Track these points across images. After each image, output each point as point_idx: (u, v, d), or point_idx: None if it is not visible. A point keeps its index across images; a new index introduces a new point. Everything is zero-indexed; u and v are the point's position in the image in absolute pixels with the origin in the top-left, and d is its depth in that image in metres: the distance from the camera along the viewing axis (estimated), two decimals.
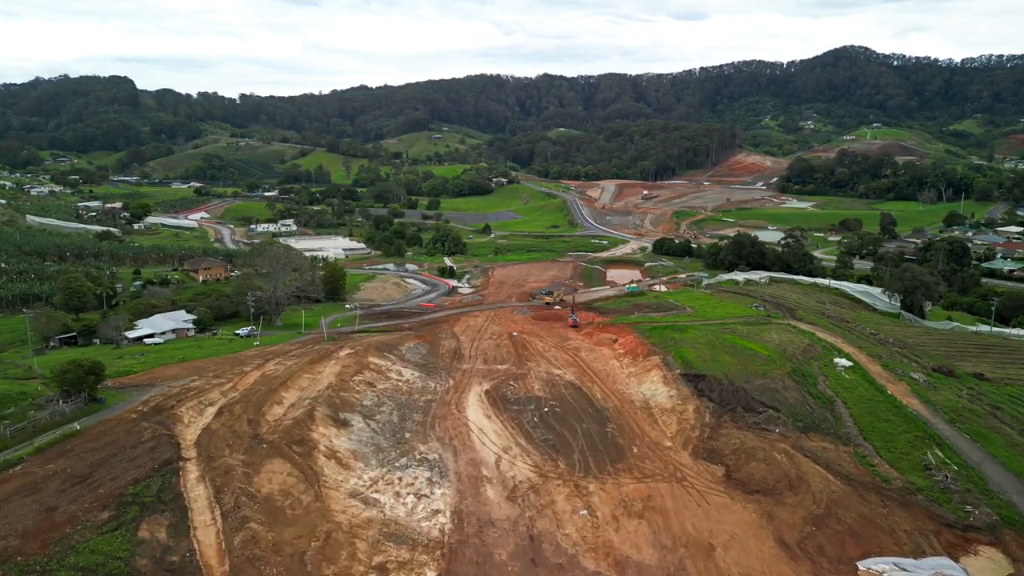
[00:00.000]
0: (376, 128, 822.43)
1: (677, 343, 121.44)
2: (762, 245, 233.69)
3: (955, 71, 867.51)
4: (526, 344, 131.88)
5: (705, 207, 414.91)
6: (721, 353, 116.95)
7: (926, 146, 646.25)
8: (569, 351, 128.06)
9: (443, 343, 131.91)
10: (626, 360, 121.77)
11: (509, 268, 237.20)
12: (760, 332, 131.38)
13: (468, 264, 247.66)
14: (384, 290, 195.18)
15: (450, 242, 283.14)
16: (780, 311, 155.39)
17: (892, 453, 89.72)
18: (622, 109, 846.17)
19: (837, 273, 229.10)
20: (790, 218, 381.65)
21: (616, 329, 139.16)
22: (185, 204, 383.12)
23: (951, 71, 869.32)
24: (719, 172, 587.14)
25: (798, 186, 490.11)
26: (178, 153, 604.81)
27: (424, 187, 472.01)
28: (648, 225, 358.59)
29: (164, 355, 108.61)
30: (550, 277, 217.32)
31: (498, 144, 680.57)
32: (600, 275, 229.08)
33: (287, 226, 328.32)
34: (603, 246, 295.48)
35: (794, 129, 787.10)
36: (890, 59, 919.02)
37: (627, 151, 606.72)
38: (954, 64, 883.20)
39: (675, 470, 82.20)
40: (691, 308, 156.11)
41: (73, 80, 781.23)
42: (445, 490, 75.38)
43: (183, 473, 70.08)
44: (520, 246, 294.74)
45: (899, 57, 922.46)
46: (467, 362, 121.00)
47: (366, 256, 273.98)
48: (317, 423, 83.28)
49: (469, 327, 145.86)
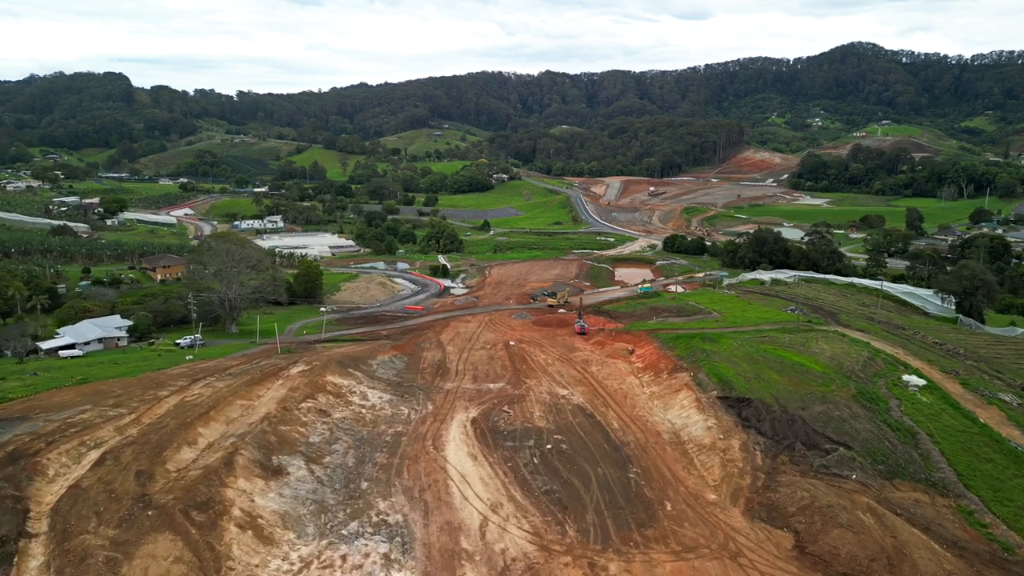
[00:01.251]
0: (376, 126, 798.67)
1: (709, 356, 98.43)
2: (786, 242, 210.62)
3: (965, 68, 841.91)
4: (525, 356, 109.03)
5: (715, 203, 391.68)
6: (765, 369, 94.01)
7: (938, 143, 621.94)
8: (577, 365, 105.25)
9: (425, 355, 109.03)
10: (647, 377, 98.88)
11: (508, 267, 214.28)
12: (806, 342, 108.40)
13: (464, 263, 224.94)
14: (367, 291, 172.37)
15: (445, 239, 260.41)
16: (820, 316, 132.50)
17: (1006, 508, 67.36)
18: (626, 106, 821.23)
19: (868, 272, 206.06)
20: (805, 215, 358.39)
21: (632, 337, 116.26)
22: (169, 200, 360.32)
23: (961, 68, 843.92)
24: (727, 169, 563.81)
25: (810, 182, 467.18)
26: (171, 150, 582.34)
27: (422, 183, 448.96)
28: (656, 222, 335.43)
29: (64, 374, 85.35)
30: (553, 276, 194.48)
31: (499, 141, 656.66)
32: (608, 274, 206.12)
33: (273, 222, 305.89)
34: (610, 243, 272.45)
35: (801, 126, 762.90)
36: (898, 56, 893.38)
37: (632, 148, 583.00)
38: (964, 60, 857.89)
39: (726, 539, 59.32)
40: (717, 312, 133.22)
41: (68, 77, 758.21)
42: (406, 575, 52.65)
43: (19, 561, 47.33)
44: (521, 244, 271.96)
45: (908, 54, 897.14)
46: (452, 379, 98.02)
47: (355, 254, 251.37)
48: (237, 474, 60.38)
49: (459, 334, 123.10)
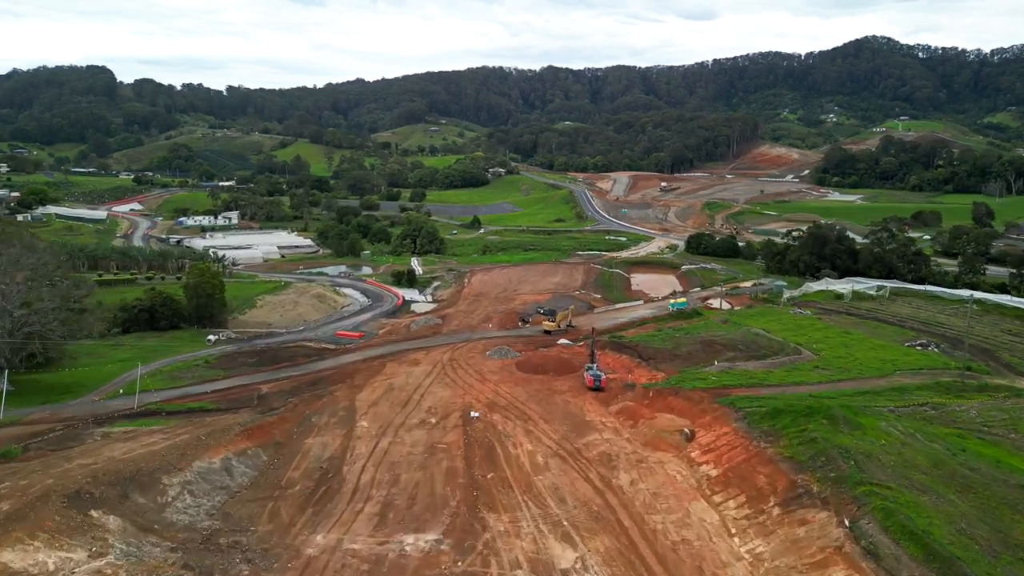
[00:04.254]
0: (371, 122, 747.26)
1: (859, 466, 47.26)
2: (852, 242, 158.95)
3: (984, 63, 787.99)
4: (495, 447, 57.95)
5: (737, 199, 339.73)
6: (988, 502, 42.97)
7: (964, 139, 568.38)
8: (592, 468, 54.32)
9: (309, 444, 57.96)
10: (733, 506, 47.90)
11: (495, 272, 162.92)
12: (1004, 418, 57.52)
13: (441, 267, 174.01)
14: (294, 307, 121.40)
15: (423, 238, 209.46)
16: (972, 356, 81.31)
17: None
18: (631, 102, 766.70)
19: (961, 280, 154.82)
20: (839, 212, 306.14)
21: (686, 403, 65.13)
22: (119, 194, 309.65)
23: (980, 62, 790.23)
24: (741, 165, 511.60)
25: (837, 177, 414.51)
26: (147, 144, 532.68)
27: (410, 177, 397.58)
28: (674, 219, 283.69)
29: None
30: (552, 286, 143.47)
31: (499, 136, 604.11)
32: (623, 283, 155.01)
33: (228, 219, 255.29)
34: (622, 243, 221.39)
35: (815, 123, 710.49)
36: (914, 50, 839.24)
37: (639, 142, 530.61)
38: (983, 55, 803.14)
39: None
40: (809, 352, 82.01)
41: (49, 71, 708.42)
42: None
43: None
44: (515, 244, 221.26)
45: (924, 48, 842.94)
46: (335, 520, 46.72)
47: (311, 256, 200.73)
48: None
49: (390, 392, 72.05)
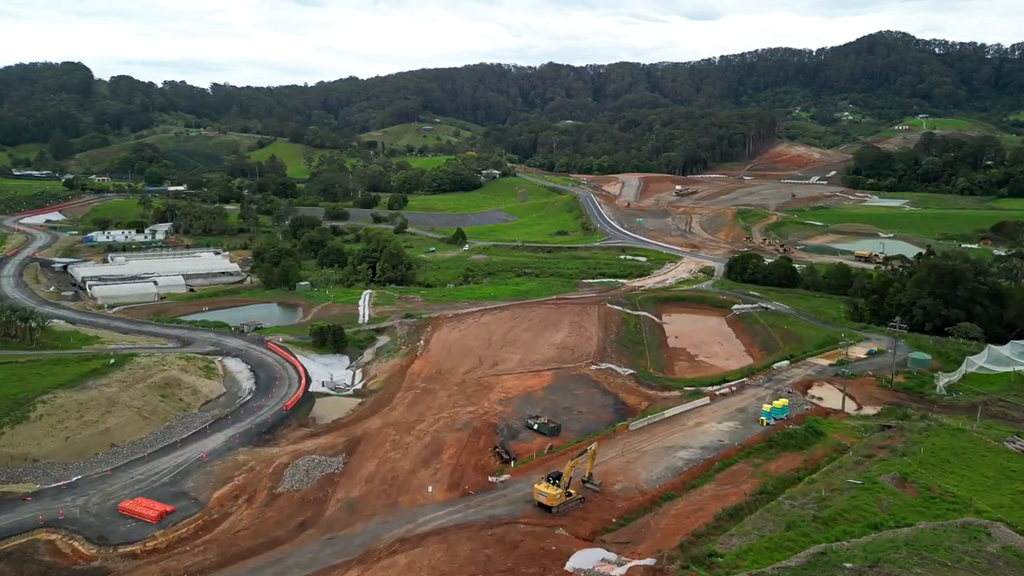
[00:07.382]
0: (362, 121, 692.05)
1: None
2: (994, 279, 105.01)
3: (1005, 59, 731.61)
4: None
5: (766, 205, 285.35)
6: None
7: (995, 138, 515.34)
8: None
9: None
10: None
11: (469, 324, 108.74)
12: None
13: (397, 308, 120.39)
14: (101, 418, 67.62)
15: (385, 261, 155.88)
16: None
17: None
18: (636, 100, 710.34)
19: None
20: (891, 221, 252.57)
21: None
22: (42, 201, 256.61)
23: (1000, 58, 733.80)
24: (760, 165, 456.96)
25: (872, 179, 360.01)
26: (114, 144, 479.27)
27: (393, 180, 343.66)
28: (699, 229, 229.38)
29: None
30: (554, 352, 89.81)
31: (495, 135, 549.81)
32: (658, 338, 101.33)
33: (154, 231, 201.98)
34: (642, 266, 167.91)
35: (829, 121, 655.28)
36: (931, 46, 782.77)
37: (647, 141, 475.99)
38: (1003, 51, 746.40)
39: None
40: None
41: (22, 68, 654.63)
42: None
43: None
44: (505, 266, 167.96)
45: (940, 43, 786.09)
46: None
47: (233, 287, 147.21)
48: None
49: None
